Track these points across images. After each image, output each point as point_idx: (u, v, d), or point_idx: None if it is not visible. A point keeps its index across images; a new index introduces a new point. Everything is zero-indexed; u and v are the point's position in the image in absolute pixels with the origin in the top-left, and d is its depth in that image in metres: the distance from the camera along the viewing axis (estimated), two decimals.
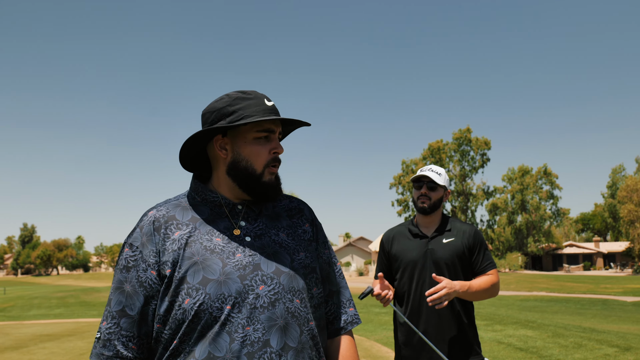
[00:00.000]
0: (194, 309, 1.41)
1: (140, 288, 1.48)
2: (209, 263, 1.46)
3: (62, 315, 19.97)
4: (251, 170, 1.55)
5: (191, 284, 1.43)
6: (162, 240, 1.49)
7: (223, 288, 1.43)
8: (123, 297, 1.48)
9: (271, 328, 1.45)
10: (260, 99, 1.57)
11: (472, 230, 3.04)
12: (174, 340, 1.44)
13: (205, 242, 1.50)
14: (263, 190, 1.57)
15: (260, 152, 1.56)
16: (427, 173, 3.04)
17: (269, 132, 1.56)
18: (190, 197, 1.62)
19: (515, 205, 65.41)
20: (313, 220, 1.72)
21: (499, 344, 9.62)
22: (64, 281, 62.63)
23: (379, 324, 13.09)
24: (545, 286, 30.82)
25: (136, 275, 1.48)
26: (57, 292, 34.03)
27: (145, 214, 1.57)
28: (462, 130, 64.91)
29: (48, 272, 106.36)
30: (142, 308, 1.48)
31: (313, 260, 1.63)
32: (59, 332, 13.63)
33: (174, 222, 1.53)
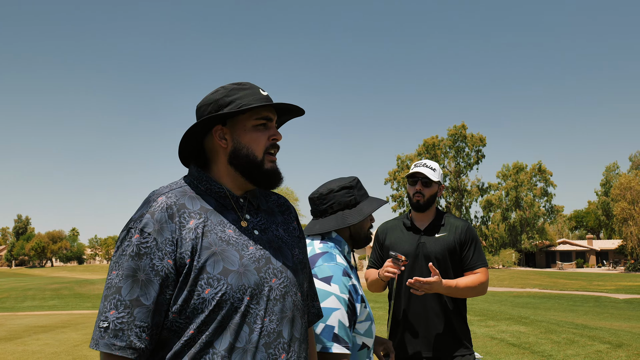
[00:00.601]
0: (216, 299, 1.41)
1: (157, 277, 1.41)
2: (227, 254, 1.47)
3: (56, 307, 19.96)
4: (252, 158, 1.56)
5: (211, 274, 1.43)
6: (178, 229, 1.46)
7: (243, 279, 1.45)
8: (137, 286, 1.40)
9: (282, 320, 1.50)
10: (255, 88, 1.60)
11: (465, 226, 3.06)
12: (190, 330, 1.42)
13: (220, 233, 1.50)
14: (265, 177, 1.58)
15: (260, 139, 1.57)
16: (422, 169, 3.06)
17: (267, 119, 1.59)
18: (192, 185, 1.59)
19: (509, 202, 65.60)
20: (297, 218, 1.78)
21: (492, 340, 9.68)
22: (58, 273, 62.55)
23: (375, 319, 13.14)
24: (538, 283, 30.97)
25: (151, 264, 1.42)
26: (51, 284, 33.97)
27: (154, 199, 1.51)
28: (457, 126, 64.98)
29: (42, 263, 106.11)
30: (157, 297, 1.41)
31: (304, 257, 1.70)
32: (52, 323, 13.63)
33: (186, 211, 1.50)
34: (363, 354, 2.06)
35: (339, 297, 1.91)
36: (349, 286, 1.94)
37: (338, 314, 1.89)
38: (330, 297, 1.91)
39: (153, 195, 1.54)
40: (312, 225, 2.18)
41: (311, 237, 2.16)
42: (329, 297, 1.90)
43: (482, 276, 2.98)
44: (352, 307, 1.93)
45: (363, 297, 2.02)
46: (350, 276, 1.98)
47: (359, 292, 1.99)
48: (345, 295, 1.92)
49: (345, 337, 1.88)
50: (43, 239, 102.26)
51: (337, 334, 1.86)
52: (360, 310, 1.99)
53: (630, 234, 56.90)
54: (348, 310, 1.91)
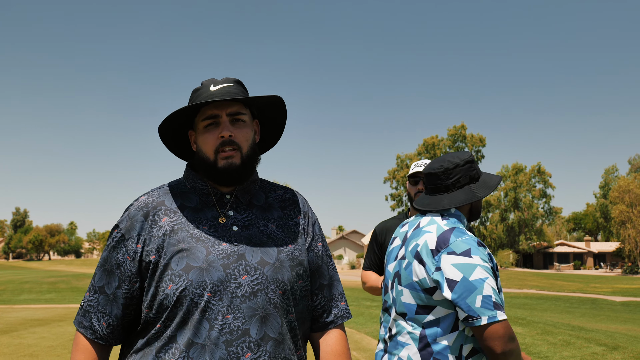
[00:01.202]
0: (176, 294, 1.43)
1: (117, 270, 1.53)
2: (193, 251, 1.48)
3: (53, 300, 19.95)
4: (206, 159, 1.56)
5: (175, 270, 1.45)
6: (149, 227, 1.52)
7: (205, 275, 1.45)
8: (104, 275, 1.55)
9: (252, 318, 1.45)
10: (206, 87, 1.58)
11: None
12: (157, 324, 1.47)
13: (192, 230, 1.52)
14: (220, 176, 1.56)
15: (208, 140, 1.55)
16: (423, 169, 3.04)
17: (213, 117, 1.55)
18: (182, 184, 1.65)
19: (508, 203, 65.65)
20: (306, 213, 1.72)
21: None
22: (56, 266, 62.54)
23: (370, 317, 13.14)
24: (536, 284, 31.00)
25: (116, 257, 1.53)
26: (48, 277, 33.97)
27: (137, 198, 1.61)
28: (457, 126, 64.95)
29: (39, 257, 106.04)
30: (115, 289, 1.53)
31: (301, 253, 1.62)
32: (49, 317, 13.61)
33: (162, 209, 1.55)
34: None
35: (484, 267, 1.91)
36: (487, 254, 1.95)
37: (490, 282, 1.88)
38: (477, 268, 1.90)
39: (140, 195, 1.63)
40: (439, 200, 2.12)
41: (431, 214, 2.12)
42: (475, 269, 1.90)
43: None
44: (495, 275, 1.95)
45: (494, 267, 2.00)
46: (485, 246, 1.99)
47: (494, 261, 2.01)
48: (488, 264, 1.93)
49: (501, 302, 1.90)
50: (41, 232, 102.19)
51: (495, 301, 1.86)
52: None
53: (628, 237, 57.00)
54: (493, 277, 1.92)
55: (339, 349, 1.64)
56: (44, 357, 8.00)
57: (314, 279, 1.67)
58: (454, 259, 1.91)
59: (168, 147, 1.71)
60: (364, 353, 8.33)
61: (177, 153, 1.74)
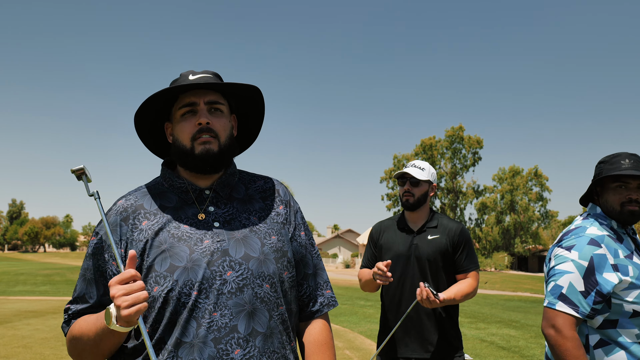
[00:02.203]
0: (162, 296, 1.42)
1: (101, 278, 1.51)
2: (176, 250, 1.46)
3: (48, 292, 19.92)
4: (182, 147, 1.54)
5: (159, 271, 1.44)
6: (130, 231, 1.50)
7: (190, 274, 1.43)
8: (85, 284, 1.53)
9: (239, 314, 1.44)
10: (185, 76, 1.58)
11: (459, 228, 3.06)
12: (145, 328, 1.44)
13: (173, 230, 1.50)
14: (199, 162, 1.53)
15: (185, 127, 1.54)
16: (409, 169, 3.07)
17: (191, 105, 1.54)
18: (159, 184, 1.62)
19: (504, 205, 65.68)
20: (287, 202, 1.69)
21: (482, 342, 9.71)
22: (51, 259, 62.36)
23: (364, 317, 13.16)
24: (530, 287, 31.04)
25: (97, 264, 1.51)
26: (43, 270, 33.89)
27: (115, 203, 1.59)
28: (454, 128, 64.99)
29: (35, 249, 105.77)
30: (100, 297, 1.51)
31: (285, 244, 1.60)
32: (43, 309, 13.60)
33: (142, 212, 1.53)
34: (638, 322, 2.08)
35: (576, 263, 2.07)
36: (593, 254, 2.06)
37: (570, 277, 2.05)
38: (567, 261, 2.09)
39: (117, 199, 1.60)
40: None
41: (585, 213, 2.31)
42: (565, 262, 2.09)
43: (474, 280, 3.01)
44: (594, 275, 2.04)
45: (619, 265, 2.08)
46: (600, 245, 2.08)
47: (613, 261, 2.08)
48: (583, 262, 2.06)
49: (575, 300, 2.02)
50: (37, 224, 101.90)
51: (565, 294, 2.04)
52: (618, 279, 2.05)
53: None
54: (588, 277, 2.04)
55: (321, 339, 1.63)
56: (38, 348, 8.00)
57: (299, 269, 1.66)
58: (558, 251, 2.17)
59: (143, 141, 1.68)
60: (357, 352, 8.34)
61: (152, 149, 1.71)
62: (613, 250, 2.11)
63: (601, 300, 2.05)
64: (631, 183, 2.17)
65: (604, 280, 2.05)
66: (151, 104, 1.56)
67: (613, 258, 2.09)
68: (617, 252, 2.11)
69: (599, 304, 2.05)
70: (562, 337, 1.99)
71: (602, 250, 2.09)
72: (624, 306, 2.06)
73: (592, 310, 2.05)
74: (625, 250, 2.13)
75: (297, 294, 1.65)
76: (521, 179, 65.50)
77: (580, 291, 2.04)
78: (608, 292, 2.04)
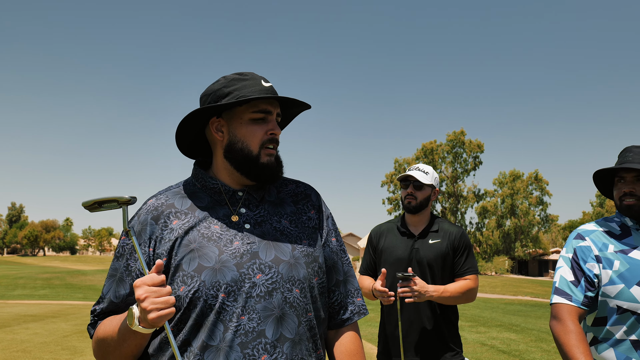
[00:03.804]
0: (189, 296, 1.39)
1: (128, 277, 1.48)
2: (205, 251, 1.44)
3: (47, 296, 19.89)
4: (247, 152, 1.51)
5: (186, 271, 1.41)
6: (160, 230, 1.48)
7: (218, 276, 1.40)
8: (112, 284, 1.51)
9: (267, 318, 1.40)
10: (257, 79, 1.54)
11: (459, 232, 3.06)
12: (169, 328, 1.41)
13: (203, 230, 1.48)
14: (260, 172, 1.52)
15: (256, 133, 1.51)
16: (413, 172, 3.05)
17: (266, 113, 1.52)
18: (190, 184, 1.60)
19: (504, 210, 65.65)
20: (320, 207, 1.66)
21: (482, 346, 9.69)
22: (50, 262, 62.32)
23: (365, 320, 13.13)
24: (530, 291, 30.99)
25: (126, 264, 1.49)
26: (42, 273, 33.85)
27: (145, 202, 1.57)
28: (456, 132, 64.98)
29: (34, 252, 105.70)
30: (126, 297, 1.48)
31: (316, 249, 1.57)
32: (43, 313, 13.57)
33: (173, 211, 1.51)
34: (625, 319, 2.07)
35: (564, 257, 2.20)
36: (576, 247, 2.17)
37: (560, 271, 2.17)
38: (559, 259, 2.22)
39: (148, 198, 1.59)
40: None
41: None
42: (559, 260, 2.22)
43: (472, 283, 2.99)
44: (578, 265, 2.14)
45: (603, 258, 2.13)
46: (584, 238, 2.18)
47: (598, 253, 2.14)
48: (568, 254, 2.19)
49: (567, 290, 2.12)
50: (36, 227, 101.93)
51: (558, 287, 2.14)
52: (599, 271, 2.11)
53: None
54: (574, 267, 2.14)
55: (353, 349, 1.60)
56: (37, 353, 7.97)
57: (330, 275, 1.62)
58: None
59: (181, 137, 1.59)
60: None
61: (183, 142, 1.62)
62: (600, 244, 2.15)
63: (593, 288, 2.10)
64: (627, 176, 2.16)
65: (588, 269, 2.11)
66: (213, 105, 1.50)
67: (598, 251, 2.13)
68: (606, 246, 2.14)
69: (591, 291, 2.09)
70: (562, 327, 2.04)
71: (586, 243, 2.16)
72: (608, 302, 2.08)
73: (586, 298, 2.09)
74: (622, 246, 2.12)
75: (328, 301, 1.61)
76: (521, 183, 65.47)
77: (570, 281, 2.12)
78: (595, 281, 2.10)
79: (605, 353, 2.09)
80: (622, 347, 2.05)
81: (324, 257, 1.60)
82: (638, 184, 2.13)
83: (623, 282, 2.06)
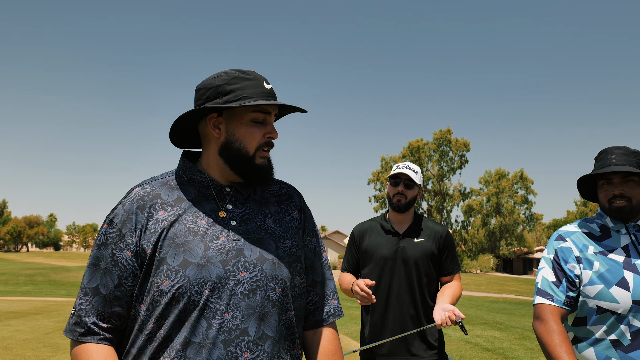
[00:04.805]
0: (172, 291, 1.38)
1: (115, 268, 1.43)
2: (191, 245, 1.42)
3: (30, 293, 19.68)
4: (244, 152, 1.51)
5: (171, 265, 1.39)
6: (145, 220, 1.45)
7: (203, 272, 1.40)
8: (98, 275, 1.44)
9: (250, 316, 1.41)
10: (259, 80, 1.53)
11: (444, 231, 3.07)
12: (150, 324, 1.40)
13: (189, 224, 1.46)
14: (254, 173, 1.53)
15: (255, 135, 1.52)
16: (405, 171, 3.03)
17: (266, 114, 1.53)
18: (177, 175, 1.57)
19: (490, 208, 66.10)
20: (302, 207, 1.68)
21: (466, 344, 9.74)
22: (34, 258, 61.69)
23: (350, 318, 13.15)
24: (515, 289, 31.24)
25: (111, 254, 1.44)
26: (25, 269, 33.47)
27: (130, 191, 1.53)
28: (442, 130, 65.28)
29: (17, 248, 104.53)
30: (114, 288, 1.43)
31: (299, 249, 1.59)
32: (25, 309, 13.43)
33: (159, 202, 1.48)
34: (605, 319, 2.08)
35: (545, 258, 2.23)
36: (557, 248, 2.20)
37: (542, 272, 2.20)
38: (541, 260, 2.25)
39: (133, 187, 1.54)
40: None
41: None
42: (541, 261, 2.24)
43: (459, 282, 3.06)
44: (559, 266, 2.17)
45: (584, 258, 2.14)
46: (565, 240, 2.20)
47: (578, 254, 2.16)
48: (549, 255, 2.22)
49: (549, 290, 2.14)
50: (19, 223, 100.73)
51: (540, 288, 2.17)
52: (580, 271, 2.13)
53: None
54: (555, 268, 2.17)
55: (331, 349, 1.61)
56: (19, 350, 7.88)
57: (307, 276, 1.63)
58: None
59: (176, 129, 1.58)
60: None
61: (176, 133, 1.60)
62: (581, 245, 2.17)
63: (574, 288, 2.12)
64: (614, 178, 2.17)
65: (569, 270, 2.14)
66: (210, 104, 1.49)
67: (579, 252, 2.15)
68: (587, 247, 2.16)
69: (572, 291, 2.12)
70: (545, 327, 2.07)
71: (567, 244, 2.18)
72: (588, 302, 2.10)
73: (568, 298, 2.11)
74: (601, 248, 2.14)
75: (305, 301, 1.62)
76: (507, 182, 65.94)
77: (552, 281, 2.15)
78: (576, 281, 2.12)
79: (585, 352, 2.11)
80: (602, 346, 2.07)
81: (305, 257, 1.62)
82: (627, 185, 2.13)
83: (603, 282, 2.07)
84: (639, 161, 2.15)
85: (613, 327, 2.05)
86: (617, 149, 2.19)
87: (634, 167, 2.12)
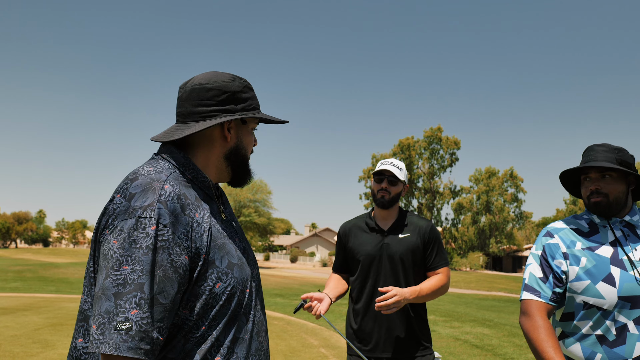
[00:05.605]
0: (226, 293, 1.42)
1: (175, 274, 1.31)
2: (228, 247, 1.47)
3: (19, 289, 19.56)
4: (245, 156, 1.62)
5: (220, 267, 1.42)
6: (190, 221, 1.38)
7: (243, 272, 1.49)
8: (157, 282, 1.28)
9: (262, 309, 1.57)
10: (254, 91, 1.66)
11: (429, 226, 3.06)
12: (201, 327, 1.37)
13: (216, 225, 1.47)
14: (248, 177, 1.64)
15: (251, 142, 1.64)
16: (389, 167, 3.03)
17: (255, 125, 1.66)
18: (180, 172, 1.49)
19: (480, 206, 66.46)
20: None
21: (455, 341, 9.80)
22: (22, 255, 61.22)
23: (339, 315, 13.18)
24: (504, 287, 31.43)
25: (169, 259, 1.31)
26: (14, 266, 33.24)
27: (160, 187, 1.37)
28: (433, 128, 65.53)
29: (6, 244, 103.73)
30: (174, 296, 1.31)
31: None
32: (14, 306, 13.35)
33: (190, 202, 1.41)
34: (591, 314, 2.10)
35: (533, 254, 2.26)
36: (545, 244, 2.23)
37: (530, 268, 2.23)
38: (529, 257, 2.28)
39: (149, 179, 1.39)
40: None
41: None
42: (529, 257, 2.27)
43: (444, 277, 2.99)
44: (547, 262, 2.19)
45: (571, 254, 2.17)
46: (553, 236, 2.22)
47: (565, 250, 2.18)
48: (537, 251, 2.24)
49: (535, 286, 2.18)
50: (8, 219, 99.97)
51: (527, 283, 2.20)
52: (567, 267, 2.16)
53: None
54: (542, 264, 2.20)
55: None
56: (7, 346, 7.85)
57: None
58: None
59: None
60: (333, 350, 8.36)
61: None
62: (568, 241, 2.18)
63: (561, 284, 2.15)
64: (592, 174, 2.19)
65: (556, 266, 2.16)
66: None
67: (566, 248, 2.18)
68: (574, 244, 2.17)
69: (559, 287, 2.14)
70: (531, 323, 2.09)
71: (554, 240, 2.21)
72: (575, 298, 2.13)
73: (554, 294, 2.14)
74: (589, 243, 2.16)
75: None
76: (497, 180, 66.34)
77: (539, 277, 2.17)
78: (563, 277, 2.15)
79: (572, 347, 2.13)
80: (588, 341, 2.09)
81: None
82: (603, 181, 2.16)
83: (589, 278, 2.09)
84: (620, 158, 2.16)
85: (599, 323, 2.07)
86: (599, 146, 2.21)
87: (612, 163, 2.14)
